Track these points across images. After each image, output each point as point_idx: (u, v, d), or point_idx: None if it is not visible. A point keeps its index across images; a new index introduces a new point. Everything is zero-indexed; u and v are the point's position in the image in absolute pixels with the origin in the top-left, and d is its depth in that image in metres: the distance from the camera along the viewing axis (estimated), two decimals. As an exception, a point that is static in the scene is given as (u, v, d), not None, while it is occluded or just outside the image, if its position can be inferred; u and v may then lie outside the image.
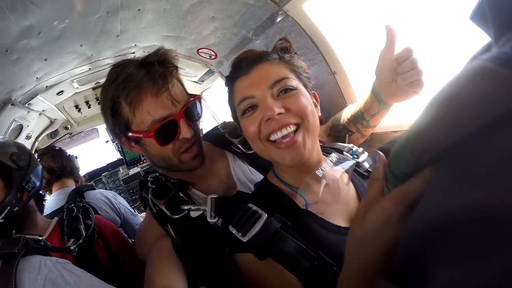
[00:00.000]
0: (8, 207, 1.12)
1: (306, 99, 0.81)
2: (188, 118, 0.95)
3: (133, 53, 2.06)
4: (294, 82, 0.81)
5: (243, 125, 0.85)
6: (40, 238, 1.01)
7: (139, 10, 1.54)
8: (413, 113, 1.22)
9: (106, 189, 3.68)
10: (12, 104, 1.69)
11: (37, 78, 1.70)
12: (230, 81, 0.89)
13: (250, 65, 0.84)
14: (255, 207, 0.81)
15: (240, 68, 0.86)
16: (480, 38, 0.39)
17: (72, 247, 1.17)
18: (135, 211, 2.85)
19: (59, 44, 1.53)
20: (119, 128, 0.97)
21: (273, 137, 0.79)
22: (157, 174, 1.11)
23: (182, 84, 1.02)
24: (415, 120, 0.37)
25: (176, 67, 0.97)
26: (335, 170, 0.83)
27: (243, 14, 1.61)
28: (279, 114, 0.76)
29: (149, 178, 1.07)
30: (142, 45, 1.97)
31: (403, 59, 0.96)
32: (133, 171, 3.80)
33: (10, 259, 0.78)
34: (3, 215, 1.09)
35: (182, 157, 1.00)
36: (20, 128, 1.98)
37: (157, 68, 0.90)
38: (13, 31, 1.24)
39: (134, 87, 0.89)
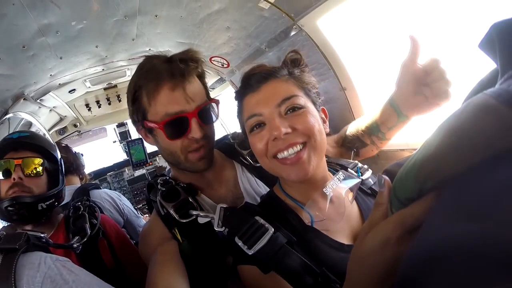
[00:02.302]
0: (53, 199, 1.25)
1: (314, 118, 0.81)
2: (201, 118, 0.96)
3: (147, 57, 2.07)
4: (302, 100, 0.82)
5: (251, 141, 0.86)
6: (42, 235, 1.02)
7: (156, 16, 1.56)
8: (419, 132, 1.21)
9: (110, 188, 3.70)
10: (24, 99, 1.71)
11: (51, 75, 1.72)
12: (239, 96, 0.91)
13: (259, 82, 0.85)
14: (262, 221, 0.81)
15: (249, 85, 0.87)
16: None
17: (75, 245, 1.18)
18: (138, 213, 2.85)
19: (75, 44, 1.55)
20: (137, 116, 1.02)
21: (280, 155, 0.80)
22: (167, 177, 1.12)
23: (204, 86, 1.04)
24: (421, 147, 0.39)
25: (197, 67, 0.99)
26: (340, 188, 0.83)
27: (258, 26, 1.63)
28: (286, 134, 0.77)
29: (159, 181, 1.08)
30: (156, 50, 1.99)
31: (432, 70, 0.92)
32: (139, 172, 3.82)
33: (10, 254, 0.79)
34: (48, 203, 1.22)
35: (189, 156, 1.00)
36: (30, 123, 2.00)
37: (178, 65, 0.93)
38: (32, 28, 1.26)
39: (153, 78, 0.93)
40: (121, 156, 3.86)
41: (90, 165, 3.80)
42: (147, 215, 3.11)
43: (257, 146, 0.83)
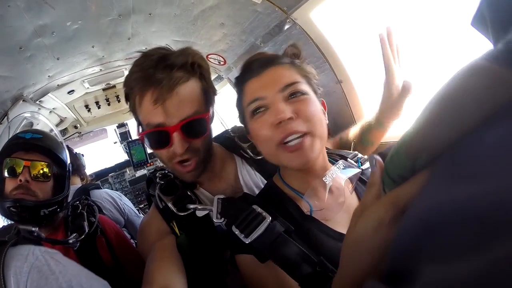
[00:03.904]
0: (55, 206, 1.24)
1: (316, 106, 0.81)
2: (187, 132, 0.90)
3: (144, 56, 2.09)
4: (305, 87, 0.81)
5: (253, 127, 0.84)
6: (33, 229, 1.03)
7: (150, 14, 1.57)
8: (408, 122, 1.24)
9: (112, 189, 3.71)
10: (23, 100, 1.73)
11: (49, 76, 1.74)
12: (240, 82, 0.88)
13: (261, 67, 0.83)
14: (259, 209, 0.81)
15: (251, 70, 0.85)
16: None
17: (70, 241, 1.19)
18: (139, 212, 2.87)
19: (72, 44, 1.57)
20: (133, 114, 0.99)
21: (283, 141, 0.78)
22: (166, 171, 1.11)
23: (205, 93, 0.96)
24: (411, 122, 0.37)
25: (186, 75, 0.90)
26: (340, 178, 0.83)
27: (252, 21, 1.63)
28: (290, 118, 0.75)
29: (157, 175, 1.08)
30: (153, 49, 2.00)
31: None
32: (140, 173, 3.83)
33: (0, 246, 0.79)
34: (50, 209, 1.22)
35: (176, 167, 0.97)
36: (31, 125, 2.02)
37: (161, 77, 0.86)
38: (28, 29, 1.28)
39: (137, 85, 0.89)
40: (122, 156, 3.88)
41: (92, 166, 3.84)
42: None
43: (260, 132, 0.81)
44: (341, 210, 0.81)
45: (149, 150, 3.53)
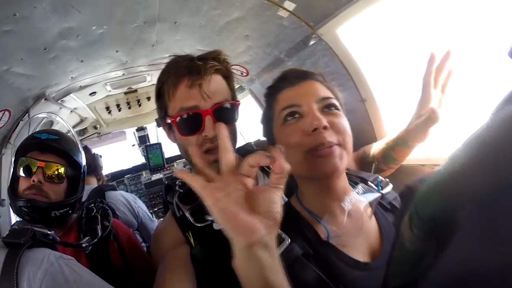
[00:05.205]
0: (67, 208, 1.25)
1: (347, 122, 0.82)
2: (217, 117, 0.92)
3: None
4: (338, 103, 0.84)
5: (283, 133, 0.84)
6: (49, 232, 1.03)
7: (175, 23, 1.56)
8: (440, 147, 1.23)
9: (127, 191, 3.74)
10: (45, 99, 1.76)
11: (72, 77, 1.77)
12: (274, 90, 0.90)
13: (298, 79, 0.86)
14: (278, 230, 0.76)
15: (287, 80, 0.87)
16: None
17: (84, 245, 1.18)
18: (153, 216, 2.86)
19: (96, 48, 1.58)
20: (160, 112, 1.02)
21: (314, 150, 0.77)
22: None
23: (230, 86, 1.02)
24: (447, 161, 0.36)
25: (216, 65, 0.96)
26: (359, 202, 0.81)
27: (277, 34, 1.60)
28: (325, 127, 0.76)
29: (177, 182, 1.07)
30: (176, 57, 2.00)
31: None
32: (156, 176, 3.83)
33: (15, 249, 0.80)
34: (62, 211, 1.22)
35: (203, 158, 0.95)
36: (51, 123, 2.05)
37: (196, 62, 0.93)
38: (53, 31, 1.29)
39: (173, 74, 0.94)
40: (139, 159, 3.90)
41: (109, 167, 3.86)
42: (162, 219, 3.10)
43: (291, 137, 0.80)
44: (359, 235, 0.80)
45: (166, 155, 3.54)
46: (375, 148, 1.30)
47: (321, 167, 0.77)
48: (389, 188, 0.99)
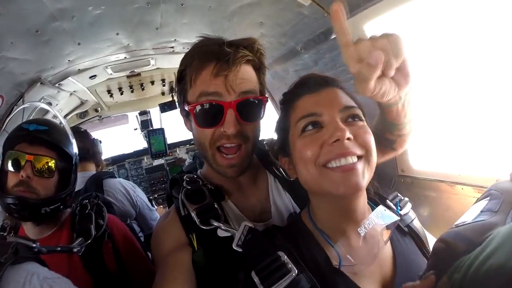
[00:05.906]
0: (58, 203, 1.17)
1: (371, 135, 0.75)
2: (240, 112, 0.86)
3: (172, 47, 1.96)
4: (361, 114, 0.77)
5: (299, 144, 0.76)
6: (34, 245, 0.95)
7: (182, 5, 1.42)
8: (458, 162, 1.19)
9: (127, 175, 3.72)
10: (41, 83, 1.65)
11: (69, 60, 1.65)
12: (291, 97, 0.82)
13: (319, 85, 0.79)
14: (285, 258, 0.72)
15: (306, 86, 0.80)
16: None
17: (75, 249, 1.13)
18: (153, 203, 2.80)
19: (94, 30, 1.46)
20: (180, 96, 0.96)
21: (333, 164, 0.70)
22: (195, 175, 1.03)
23: (259, 80, 0.94)
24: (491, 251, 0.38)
25: (248, 55, 0.88)
26: (376, 225, 0.75)
27: (295, 24, 1.46)
28: (348, 139, 0.69)
29: (185, 177, 0.99)
30: (183, 41, 1.86)
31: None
32: (157, 162, 3.79)
33: None
34: (52, 207, 1.15)
35: (217, 156, 0.91)
36: (46, 112, 1.95)
37: (227, 50, 0.85)
38: (44, 12, 1.17)
39: (198, 58, 0.87)
40: (141, 144, 3.83)
41: (110, 151, 3.82)
42: (161, 206, 3.08)
43: (308, 149, 0.73)
44: (373, 263, 0.74)
45: (169, 141, 3.44)
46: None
47: (340, 185, 0.69)
48: (408, 208, 0.93)
